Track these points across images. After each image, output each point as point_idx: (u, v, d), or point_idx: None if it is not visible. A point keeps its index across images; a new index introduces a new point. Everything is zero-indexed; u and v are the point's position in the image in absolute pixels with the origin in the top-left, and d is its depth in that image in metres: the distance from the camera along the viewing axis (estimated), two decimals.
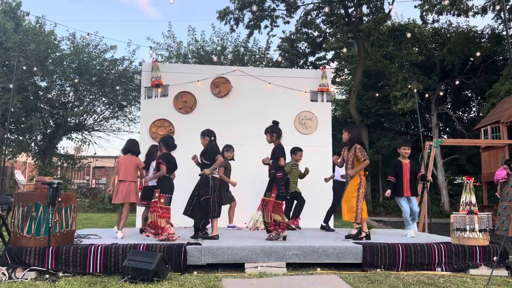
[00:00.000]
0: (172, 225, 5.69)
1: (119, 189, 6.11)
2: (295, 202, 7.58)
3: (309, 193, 7.84)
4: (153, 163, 6.60)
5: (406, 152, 6.81)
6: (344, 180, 6.42)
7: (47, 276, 4.48)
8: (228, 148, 7.52)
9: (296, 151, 7.62)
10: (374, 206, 17.68)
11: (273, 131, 6.06)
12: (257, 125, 8.88)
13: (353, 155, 6.06)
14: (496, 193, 10.96)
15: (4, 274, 4.43)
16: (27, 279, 4.45)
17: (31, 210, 4.76)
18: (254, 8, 15.03)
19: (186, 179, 6.77)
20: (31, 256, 4.63)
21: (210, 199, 5.74)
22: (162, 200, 5.66)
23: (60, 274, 4.58)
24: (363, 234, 5.90)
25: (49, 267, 4.58)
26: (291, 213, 7.41)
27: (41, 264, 4.61)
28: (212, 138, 6.07)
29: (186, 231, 6.75)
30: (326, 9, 14.00)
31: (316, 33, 20.05)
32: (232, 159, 7.57)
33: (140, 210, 7.61)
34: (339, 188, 7.22)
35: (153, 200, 5.71)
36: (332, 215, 7.98)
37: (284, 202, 5.97)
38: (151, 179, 6.34)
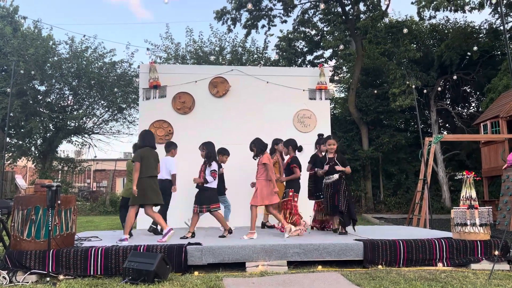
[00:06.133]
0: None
1: None
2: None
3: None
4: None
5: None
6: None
7: (48, 279, 4.48)
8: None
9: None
10: (375, 203, 17.64)
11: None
12: (256, 124, 8.89)
13: None
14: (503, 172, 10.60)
15: (5, 278, 4.43)
16: (28, 282, 4.45)
17: (31, 214, 4.76)
18: (250, 5, 14.97)
19: (186, 179, 6.77)
20: (31, 259, 4.63)
21: None
22: (296, 199, 6.51)
23: (61, 277, 4.57)
24: None
25: (50, 270, 4.59)
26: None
27: (42, 267, 4.61)
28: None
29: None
30: (322, 6, 13.97)
31: (313, 32, 20.03)
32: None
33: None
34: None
35: (287, 199, 6.48)
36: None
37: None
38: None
